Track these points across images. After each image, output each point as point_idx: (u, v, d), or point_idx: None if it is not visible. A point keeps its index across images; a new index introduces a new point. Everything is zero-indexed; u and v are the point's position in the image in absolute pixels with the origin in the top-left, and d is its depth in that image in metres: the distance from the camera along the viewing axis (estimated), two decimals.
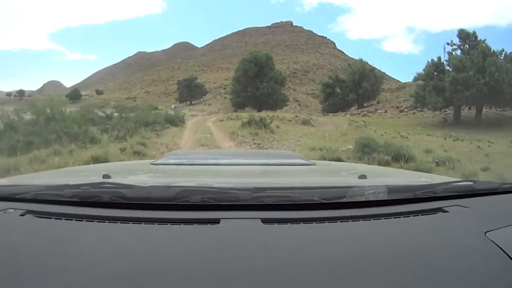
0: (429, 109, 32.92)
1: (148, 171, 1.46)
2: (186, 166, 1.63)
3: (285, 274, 0.59)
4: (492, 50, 30.45)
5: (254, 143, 12.00)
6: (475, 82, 27.85)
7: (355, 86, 44.57)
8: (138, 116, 15.97)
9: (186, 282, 0.57)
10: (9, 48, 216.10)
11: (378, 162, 6.82)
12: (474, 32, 32.56)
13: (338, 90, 46.21)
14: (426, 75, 32.20)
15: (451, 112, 31.82)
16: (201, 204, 0.80)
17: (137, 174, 1.46)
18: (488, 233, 0.73)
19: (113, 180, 0.98)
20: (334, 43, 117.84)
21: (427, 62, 32.72)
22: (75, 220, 0.76)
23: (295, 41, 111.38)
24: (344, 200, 0.83)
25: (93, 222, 0.76)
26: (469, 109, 31.28)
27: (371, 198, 0.84)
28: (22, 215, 0.79)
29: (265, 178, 1.30)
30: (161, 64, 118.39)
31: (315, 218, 0.78)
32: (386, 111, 39.46)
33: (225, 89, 65.16)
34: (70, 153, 7.64)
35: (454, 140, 18.76)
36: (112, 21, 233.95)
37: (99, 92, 77.16)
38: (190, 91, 59.73)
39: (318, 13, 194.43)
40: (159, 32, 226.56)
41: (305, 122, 22.71)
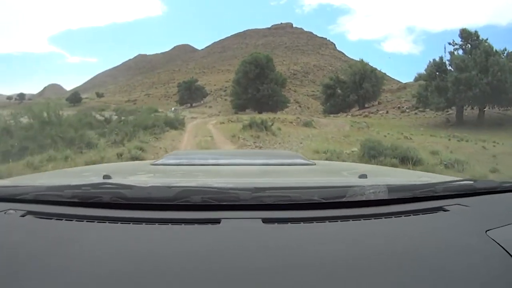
0: (431, 109, 32.63)
1: (148, 172, 1.46)
2: (186, 166, 1.64)
3: (285, 274, 0.59)
4: (494, 49, 30.18)
5: (256, 146, 11.76)
6: (478, 82, 27.57)
7: (356, 87, 44.38)
8: (136, 119, 15.71)
9: (187, 282, 0.57)
10: (9, 51, 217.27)
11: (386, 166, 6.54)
12: (476, 31, 32.24)
13: (339, 91, 46.04)
14: (428, 75, 31.89)
15: (453, 112, 31.53)
16: (201, 204, 0.80)
17: (137, 174, 1.45)
18: (488, 231, 0.72)
19: (113, 180, 0.98)
20: (334, 44, 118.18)
21: (429, 62, 32.42)
22: (76, 220, 0.76)
23: (295, 42, 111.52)
24: (344, 199, 0.83)
25: (93, 222, 0.76)
26: (471, 109, 30.98)
27: (372, 198, 0.84)
28: (23, 216, 0.79)
29: (265, 178, 1.29)
30: (161, 66, 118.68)
31: (316, 217, 0.78)
32: (387, 112, 39.18)
33: (225, 91, 65.07)
34: (65, 158, 7.39)
35: (458, 140, 18.47)
36: (112, 24, 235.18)
37: (100, 95, 77.34)
38: (191, 94, 59.67)
39: (318, 14, 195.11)
40: (159, 34, 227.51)
41: (306, 124, 22.47)
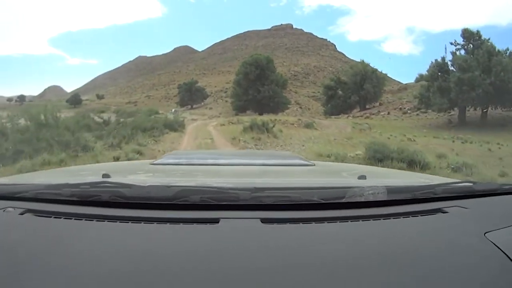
0: (433, 110, 32.30)
1: (147, 171, 1.45)
2: (185, 166, 1.62)
3: (284, 274, 0.59)
4: (497, 49, 29.88)
5: (257, 149, 11.48)
6: (481, 82, 27.25)
7: (357, 88, 44.12)
8: (135, 121, 15.45)
9: (186, 281, 0.56)
10: (10, 53, 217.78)
11: None
12: (478, 31, 31.91)
13: (340, 92, 45.80)
14: (430, 76, 31.58)
15: (455, 113, 31.23)
16: (200, 203, 0.80)
17: (136, 173, 1.44)
18: (487, 233, 0.73)
19: (112, 179, 0.98)
20: (335, 45, 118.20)
21: (431, 62, 32.05)
22: (75, 219, 0.76)
23: (296, 43, 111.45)
24: (343, 200, 0.83)
25: (92, 221, 0.75)
26: (474, 109, 30.67)
27: (371, 199, 0.84)
28: (22, 214, 0.79)
29: (264, 178, 1.28)
30: (161, 68, 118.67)
31: (315, 218, 0.78)
32: (389, 113, 38.90)
33: (226, 92, 64.90)
34: (60, 162, 7.14)
35: (462, 142, 18.18)
36: (112, 25, 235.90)
37: (100, 96, 77.22)
38: (191, 95, 59.48)
39: (318, 15, 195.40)
40: (160, 36, 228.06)
41: (308, 126, 22.19)
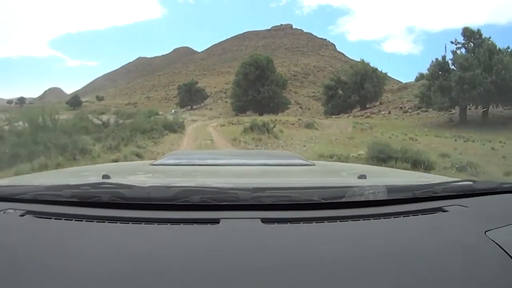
0: (434, 109, 32.13)
1: (147, 172, 1.44)
2: (185, 166, 1.62)
3: (285, 274, 0.59)
4: (497, 47, 29.72)
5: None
6: (482, 80, 27.10)
7: (358, 87, 43.93)
8: (134, 123, 15.30)
9: (186, 282, 0.56)
10: (9, 55, 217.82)
11: None
12: (479, 30, 31.76)
13: (340, 92, 45.60)
14: (431, 75, 31.41)
15: (456, 112, 31.06)
16: (200, 204, 0.79)
17: (136, 174, 1.44)
18: (488, 232, 0.72)
19: (112, 180, 0.98)
20: (334, 45, 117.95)
21: (432, 61, 31.90)
22: (75, 220, 0.76)
23: (295, 43, 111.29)
24: (343, 200, 0.83)
25: (92, 222, 0.75)
26: (476, 108, 30.50)
27: (371, 198, 0.83)
28: (22, 216, 0.79)
29: (264, 178, 1.28)
30: (161, 69, 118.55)
31: (315, 218, 0.78)
32: (389, 112, 38.69)
33: (225, 93, 64.74)
34: (57, 166, 6.99)
35: (464, 141, 18.01)
36: (112, 27, 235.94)
37: (100, 98, 77.05)
38: (191, 96, 59.32)
39: (317, 15, 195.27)
40: (159, 37, 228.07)
41: (308, 126, 22.04)
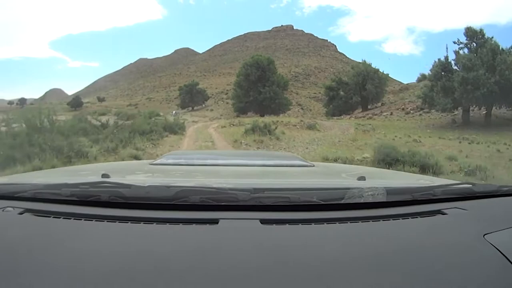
0: (437, 110, 31.79)
1: (147, 171, 1.44)
2: (184, 166, 1.62)
3: (283, 275, 0.59)
4: (501, 47, 29.39)
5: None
6: (486, 81, 26.79)
7: (359, 88, 43.66)
8: (134, 124, 15.06)
9: (185, 282, 0.56)
10: (10, 56, 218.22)
11: None
12: (482, 29, 31.38)
13: (342, 93, 45.32)
14: (434, 75, 31.06)
15: (459, 113, 30.73)
16: (200, 204, 0.79)
17: (136, 174, 1.44)
18: (486, 235, 0.72)
19: (112, 179, 0.98)
20: (335, 46, 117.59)
21: (434, 62, 31.52)
22: (74, 219, 0.76)
23: (296, 44, 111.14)
24: (342, 201, 0.82)
25: (91, 221, 0.75)
26: (479, 109, 30.18)
27: (370, 200, 0.83)
28: (21, 214, 0.79)
29: (264, 179, 1.27)
30: (162, 70, 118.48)
31: (314, 219, 0.78)
32: (391, 113, 38.34)
33: (227, 94, 64.57)
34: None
35: (469, 143, 17.73)
36: (113, 28, 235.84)
37: (101, 99, 76.97)
38: (192, 97, 59.12)
39: (318, 16, 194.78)
40: (160, 38, 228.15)
41: (310, 127, 21.75)
